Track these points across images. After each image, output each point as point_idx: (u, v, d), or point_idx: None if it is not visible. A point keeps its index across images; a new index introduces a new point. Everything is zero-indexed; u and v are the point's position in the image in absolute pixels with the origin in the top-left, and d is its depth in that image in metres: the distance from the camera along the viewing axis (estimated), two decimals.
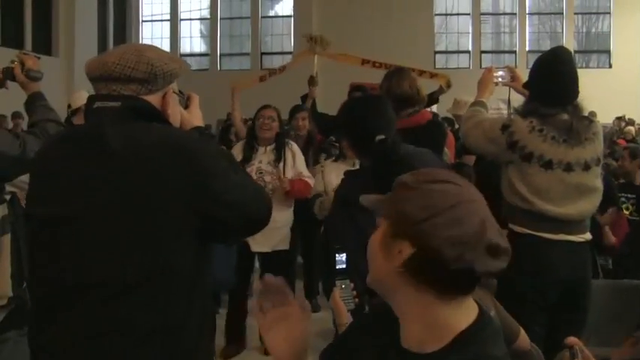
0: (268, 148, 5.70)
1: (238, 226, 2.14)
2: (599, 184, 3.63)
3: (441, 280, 1.40)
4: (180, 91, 2.25)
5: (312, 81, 7.97)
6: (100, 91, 2.07)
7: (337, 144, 6.71)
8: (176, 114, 2.22)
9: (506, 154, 3.56)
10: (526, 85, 3.79)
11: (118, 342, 1.91)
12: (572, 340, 1.73)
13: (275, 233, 5.47)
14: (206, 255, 2.11)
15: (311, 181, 5.59)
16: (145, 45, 2.22)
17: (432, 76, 7.34)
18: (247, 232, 2.35)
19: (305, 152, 6.42)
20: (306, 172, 5.78)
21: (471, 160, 5.42)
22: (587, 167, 3.49)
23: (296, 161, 5.74)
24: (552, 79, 3.53)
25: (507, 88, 4.08)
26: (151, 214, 1.91)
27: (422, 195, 1.43)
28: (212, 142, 2.21)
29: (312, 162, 6.54)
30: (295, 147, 5.85)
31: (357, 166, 4.97)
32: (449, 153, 5.70)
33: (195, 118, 2.36)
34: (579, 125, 3.49)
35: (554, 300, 3.47)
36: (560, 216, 3.43)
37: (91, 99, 2.08)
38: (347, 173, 3.32)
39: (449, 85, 6.53)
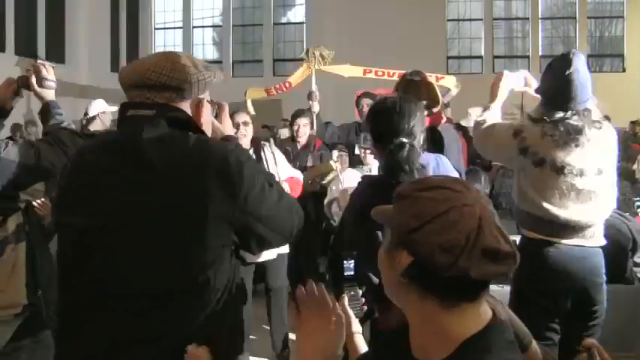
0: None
1: (271, 239, 2.14)
2: (612, 189, 3.58)
3: (441, 288, 1.40)
4: (210, 99, 2.24)
5: (311, 96, 8.04)
6: (133, 99, 2.06)
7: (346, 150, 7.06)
8: (208, 123, 2.22)
9: (518, 160, 3.53)
10: (538, 91, 3.74)
11: (149, 352, 1.90)
12: (589, 342, 1.72)
13: None
14: (237, 266, 2.10)
15: (300, 177, 5.66)
16: (179, 52, 2.19)
17: (439, 79, 7.38)
18: (279, 244, 2.35)
19: (303, 155, 6.66)
20: (290, 170, 5.67)
21: None
22: (599, 172, 3.45)
23: (277, 161, 5.52)
24: (562, 84, 3.49)
25: (520, 93, 4.06)
26: (187, 225, 1.89)
27: (413, 203, 1.43)
28: (248, 154, 2.20)
29: (310, 164, 6.64)
30: (272, 146, 5.70)
31: (372, 171, 5.04)
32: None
33: (226, 127, 2.37)
34: (591, 130, 3.45)
35: (567, 305, 3.45)
36: (572, 222, 3.40)
37: (124, 106, 2.07)
38: (363, 179, 3.29)
39: (457, 86, 6.77)
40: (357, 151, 6.60)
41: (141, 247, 1.89)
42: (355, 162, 6.67)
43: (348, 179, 5.45)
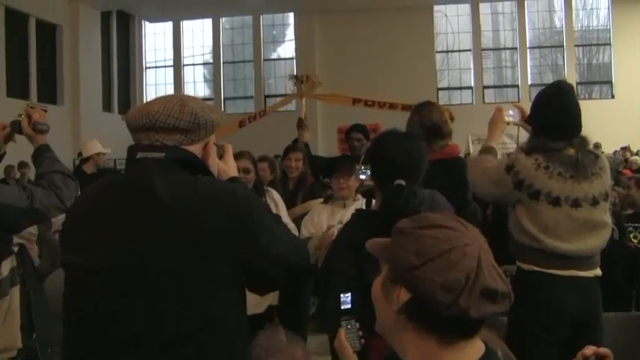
0: None
1: (280, 278, 2.13)
2: (607, 218, 3.55)
3: (440, 326, 1.39)
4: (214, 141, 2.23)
5: (300, 124, 7.46)
6: (141, 141, 2.04)
7: (330, 186, 6.36)
8: (215, 164, 2.21)
9: (514, 195, 3.49)
10: (529, 121, 3.72)
11: None
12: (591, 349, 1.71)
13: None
14: (245, 307, 2.09)
15: (295, 233, 4.89)
16: (185, 95, 2.19)
17: None
18: (287, 283, 2.34)
19: (294, 194, 6.23)
20: (290, 224, 4.99)
21: None
22: (595, 202, 3.42)
23: (279, 211, 5.07)
24: (556, 113, 3.47)
25: (519, 110, 3.99)
26: (199, 267, 1.88)
27: (415, 241, 1.42)
28: (256, 196, 2.19)
29: (299, 204, 6.12)
30: (276, 195, 5.36)
31: (349, 208, 4.84)
32: None
33: (231, 168, 2.35)
34: (585, 160, 3.43)
35: (564, 336, 3.43)
36: (570, 252, 3.37)
37: (133, 149, 2.05)
38: (357, 213, 3.23)
39: (451, 119, 6.41)
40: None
41: (153, 289, 1.87)
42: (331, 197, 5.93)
43: (318, 216, 5.12)
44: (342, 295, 2.28)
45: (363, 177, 5.54)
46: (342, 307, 2.26)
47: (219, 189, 2.03)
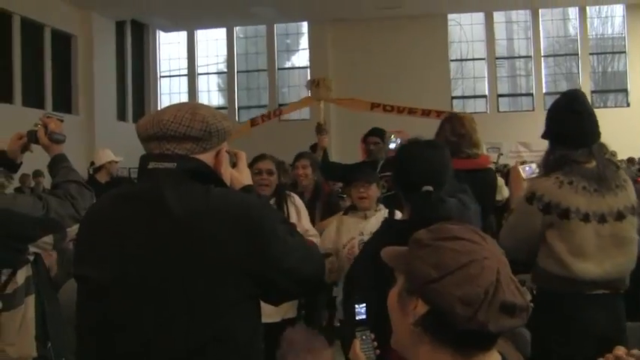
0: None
1: (293, 290, 2.12)
2: (635, 234, 3.38)
3: (456, 339, 1.38)
4: (228, 149, 2.22)
5: (319, 129, 7.31)
6: (152, 151, 2.03)
7: (344, 195, 6.45)
8: (227, 173, 2.20)
9: (545, 220, 3.32)
10: (545, 135, 3.54)
11: None
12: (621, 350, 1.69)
13: None
14: (260, 319, 2.08)
15: (317, 240, 4.81)
16: (197, 103, 2.18)
17: (439, 114, 6.88)
18: (300, 295, 2.32)
19: (311, 206, 5.80)
20: (312, 230, 5.01)
21: None
22: (620, 217, 3.29)
23: (301, 218, 4.94)
24: (571, 120, 3.37)
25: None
26: (210, 280, 1.86)
27: (434, 253, 1.41)
28: (270, 206, 2.17)
29: (318, 217, 5.86)
30: (299, 201, 5.10)
31: (370, 219, 4.73)
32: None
33: (245, 176, 2.35)
34: (608, 172, 3.32)
35: (591, 353, 3.36)
36: (600, 278, 3.25)
37: (145, 159, 2.04)
38: (385, 222, 3.19)
39: None
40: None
41: (160, 302, 1.86)
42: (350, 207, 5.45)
43: (339, 229, 4.89)
44: (356, 306, 2.27)
45: (392, 146, 5.91)
46: (357, 318, 2.24)
47: (231, 200, 2.01)
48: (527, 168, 3.85)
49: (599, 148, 3.38)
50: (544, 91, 22.51)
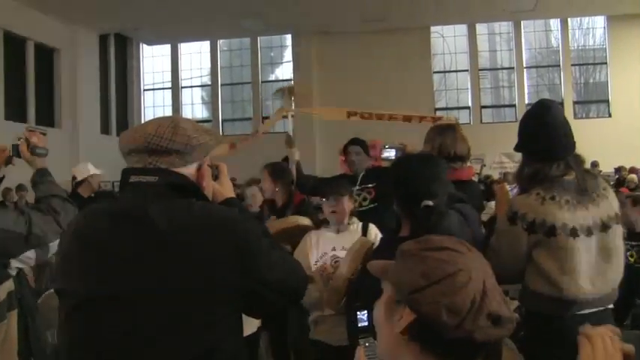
0: None
1: (279, 301, 2.12)
2: (621, 244, 3.31)
3: (443, 348, 1.39)
4: (209, 162, 2.22)
5: (289, 141, 6.96)
6: (134, 164, 2.03)
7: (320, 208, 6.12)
8: (209, 186, 2.20)
9: (531, 240, 3.21)
10: (518, 149, 3.47)
11: None
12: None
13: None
14: (242, 331, 2.08)
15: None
16: (179, 117, 2.18)
17: (435, 121, 6.46)
18: (282, 306, 2.32)
19: (282, 215, 5.62)
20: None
21: None
22: (605, 227, 3.19)
23: None
24: (544, 132, 3.29)
25: (511, 142, 3.65)
26: (197, 295, 1.85)
27: (422, 262, 1.43)
28: (253, 220, 2.18)
29: None
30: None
31: (343, 234, 4.57)
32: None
33: (227, 189, 2.34)
34: (587, 182, 3.23)
35: None
36: (592, 297, 3.14)
37: (126, 172, 2.03)
38: (386, 239, 3.17)
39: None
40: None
41: (148, 317, 1.84)
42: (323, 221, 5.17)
43: (313, 246, 4.65)
44: (358, 313, 2.27)
45: (388, 154, 5.67)
46: (359, 325, 2.25)
47: (215, 214, 2.01)
48: (513, 190, 3.79)
49: (575, 159, 3.30)
50: (527, 102, 22.59)
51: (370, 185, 6.21)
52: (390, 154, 6.07)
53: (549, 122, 3.31)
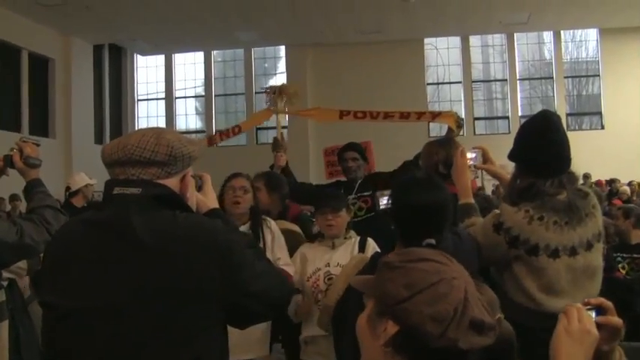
0: (242, 228, 4.37)
1: (260, 313, 2.13)
2: (601, 260, 3.34)
3: (428, 358, 1.40)
4: (192, 173, 2.22)
5: (276, 145, 6.40)
6: (117, 176, 2.03)
7: (314, 219, 5.71)
8: (193, 197, 2.21)
9: (510, 252, 3.21)
10: (512, 158, 3.41)
11: None
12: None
13: (252, 337, 4.07)
14: (227, 342, 2.08)
15: (291, 271, 4.42)
16: (162, 128, 2.18)
17: (435, 117, 6.37)
18: (267, 317, 2.32)
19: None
20: (285, 259, 4.49)
21: None
22: (589, 246, 3.20)
23: (275, 244, 4.45)
24: (548, 149, 3.22)
25: (504, 153, 3.60)
26: (180, 307, 1.85)
27: (404, 274, 1.44)
28: (237, 232, 2.18)
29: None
30: (274, 226, 4.56)
31: (338, 248, 4.39)
32: None
33: (210, 199, 2.34)
34: (578, 202, 3.20)
35: None
36: None
37: (110, 184, 2.04)
38: (375, 257, 3.05)
39: (459, 125, 5.68)
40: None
41: (133, 330, 1.84)
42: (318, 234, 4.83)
43: (304, 261, 4.48)
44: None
45: (384, 203, 4.70)
46: None
47: (198, 226, 2.00)
48: (470, 155, 3.68)
49: (569, 177, 3.26)
50: (520, 114, 22.66)
51: (367, 194, 5.86)
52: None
53: (552, 138, 3.26)
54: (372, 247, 4.41)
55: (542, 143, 3.25)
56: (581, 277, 3.19)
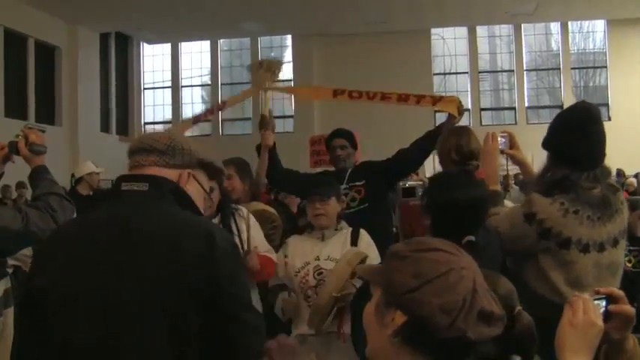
0: (213, 220, 3.94)
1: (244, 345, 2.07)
2: (623, 257, 3.30)
3: (436, 348, 1.40)
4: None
5: (263, 123, 5.93)
6: (130, 164, 2.12)
7: (303, 210, 5.50)
8: (200, 197, 2.22)
9: (540, 245, 3.14)
10: (547, 147, 3.31)
11: None
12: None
13: None
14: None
15: (273, 257, 4.22)
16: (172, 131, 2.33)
17: (436, 101, 5.78)
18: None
19: None
20: (264, 245, 4.22)
21: None
22: (615, 243, 3.16)
23: (251, 233, 4.09)
24: (585, 144, 3.15)
25: (508, 137, 3.65)
26: (170, 312, 1.85)
27: (412, 263, 1.44)
28: (237, 253, 2.20)
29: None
30: (247, 214, 4.19)
31: (329, 240, 4.15)
32: None
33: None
34: (611, 197, 3.15)
35: None
36: None
37: (119, 180, 2.09)
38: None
39: (461, 112, 5.35)
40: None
41: (123, 329, 1.85)
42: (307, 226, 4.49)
43: (293, 254, 4.21)
44: None
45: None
46: None
47: (198, 229, 2.00)
48: (501, 140, 3.59)
49: (602, 171, 3.20)
50: (526, 105, 22.63)
51: (359, 183, 5.30)
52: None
53: (593, 131, 3.20)
54: (366, 239, 4.19)
55: (582, 136, 3.18)
56: (606, 273, 3.14)
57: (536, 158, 3.70)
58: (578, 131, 3.18)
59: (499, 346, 1.63)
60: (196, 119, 7.36)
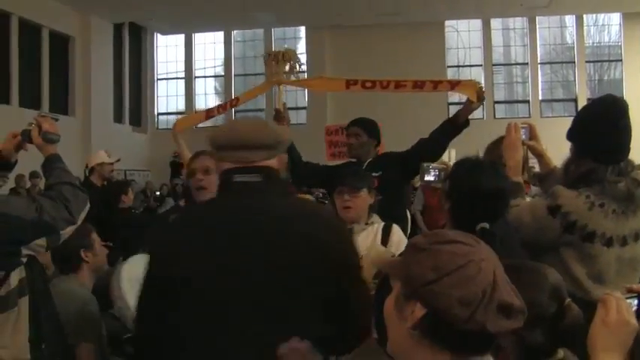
0: None
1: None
2: None
3: (455, 341, 1.40)
4: None
5: (278, 116, 6.01)
6: (227, 159, 2.22)
7: (326, 201, 5.46)
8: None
9: (562, 238, 3.11)
10: (572, 139, 3.29)
11: None
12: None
13: None
14: None
15: None
16: (261, 119, 2.48)
17: (454, 86, 5.66)
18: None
19: None
20: None
21: None
22: (637, 237, 3.13)
23: None
24: (612, 137, 3.14)
25: (528, 128, 3.67)
26: (283, 299, 1.97)
27: (431, 256, 1.43)
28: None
29: None
30: None
31: (358, 234, 3.91)
32: None
33: None
34: (635, 191, 3.11)
35: None
36: None
37: (229, 172, 2.21)
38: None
39: (480, 98, 5.27)
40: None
41: (232, 315, 1.99)
42: None
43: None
44: None
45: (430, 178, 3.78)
46: None
47: (315, 212, 2.26)
48: (522, 131, 3.60)
49: (627, 165, 3.18)
50: (540, 98, 22.55)
51: (375, 174, 4.96)
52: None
53: (621, 125, 3.19)
54: (397, 235, 3.97)
55: (612, 128, 3.16)
56: (627, 268, 3.12)
57: (549, 151, 3.78)
58: (607, 123, 3.16)
59: (548, 337, 1.64)
60: (209, 114, 7.26)
